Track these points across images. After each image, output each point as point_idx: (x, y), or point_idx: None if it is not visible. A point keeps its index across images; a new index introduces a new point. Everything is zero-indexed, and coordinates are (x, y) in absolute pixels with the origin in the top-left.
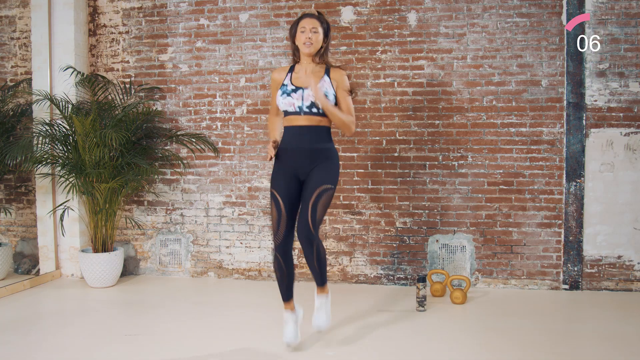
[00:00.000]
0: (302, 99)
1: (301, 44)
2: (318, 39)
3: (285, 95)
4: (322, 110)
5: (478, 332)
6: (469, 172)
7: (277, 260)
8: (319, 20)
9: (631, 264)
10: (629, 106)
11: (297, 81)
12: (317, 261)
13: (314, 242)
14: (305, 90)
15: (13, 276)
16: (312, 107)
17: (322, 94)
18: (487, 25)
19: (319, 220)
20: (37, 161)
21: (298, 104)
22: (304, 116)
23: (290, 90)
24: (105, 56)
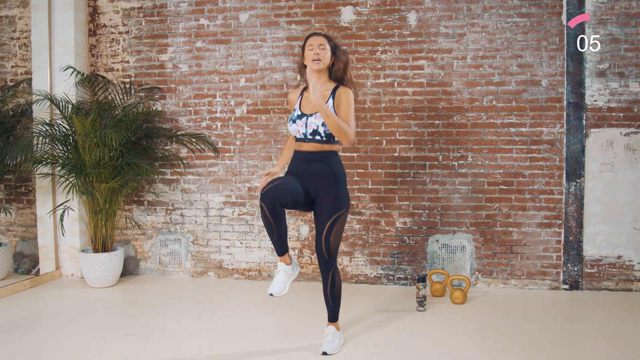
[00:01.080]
0: (305, 126)
1: (309, 62)
2: (326, 56)
3: (291, 122)
4: (325, 138)
5: (478, 332)
6: (469, 172)
7: (263, 211)
8: (325, 38)
9: (631, 264)
10: (629, 106)
11: (305, 107)
12: (330, 293)
13: (330, 269)
14: (310, 118)
15: (13, 276)
16: (316, 134)
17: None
18: (487, 25)
19: (334, 248)
20: (37, 161)
21: (302, 131)
22: (308, 143)
23: (296, 116)
24: (105, 56)
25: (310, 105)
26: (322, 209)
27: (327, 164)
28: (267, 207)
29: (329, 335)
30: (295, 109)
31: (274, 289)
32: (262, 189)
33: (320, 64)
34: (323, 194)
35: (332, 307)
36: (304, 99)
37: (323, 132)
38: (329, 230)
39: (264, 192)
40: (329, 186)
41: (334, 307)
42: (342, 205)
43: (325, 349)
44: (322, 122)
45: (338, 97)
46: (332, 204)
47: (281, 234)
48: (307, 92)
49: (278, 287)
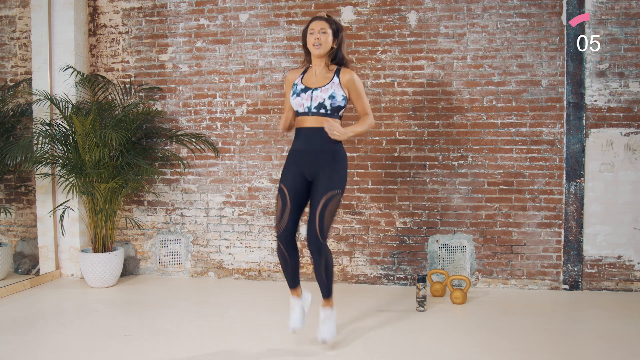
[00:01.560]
0: (310, 99)
1: (310, 46)
2: (327, 40)
3: (295, 95)
4: (330, 111)
5: (478, 332)
6: (469, 172)
7: (280, 249)
8: (327, 22)
9: (631, 264)
10: (629, 106)
11: (308, 82)
12: (325, 271)
13: (322, 250)
14: (315, 91)
15: (13, 276)
16: (321, 107)
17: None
18: (487, 25)
19: (326, 228)
20: (37, 161)
21: (307, 104)
22: (312, 117)
23: (299, 90)
24: (105, 56)
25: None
26: (318, 186)
27: (329, 142)
28: (284, 246)
29: (327, 320)
30: (297, 83)
31: (294, 324)
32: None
33: (321, 48)
34: (322, 171)
35: (326, 283)
36: (307, 76)
37: (329, 105)
38: (323, 207)
39: (279, 234)
40: (328, 164)
41: (327, 283)
42: (339, 185)
43: (325, 336)
44: (329, 94)
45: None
46: (329, 182)
47: (295, 268)
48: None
49: (298, 322)
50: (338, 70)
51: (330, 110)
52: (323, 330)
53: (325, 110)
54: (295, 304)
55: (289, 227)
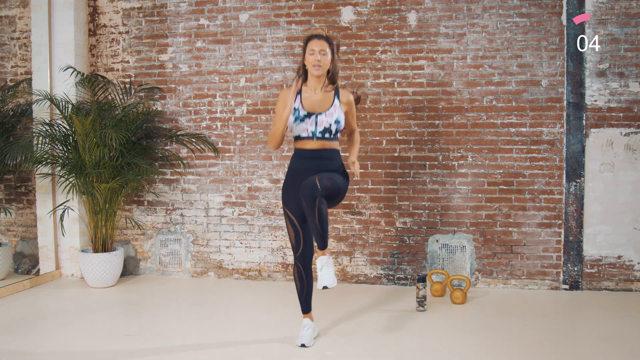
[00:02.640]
0: (315, 124)
1: (310, 67)
2: (326, 61)
3: (298, 122)
4: (334, 136)
5: (478, 332)
6: (469, 172)
7: (298, 269)
8: (327, 42)
9: (631, 264)
10: (629, 106)
11: (308, 105)
12: (319, 219)
13: (316, 197)
14: (319, 116)
15: (13, 276)
16: (326, 132)
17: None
18: (487, 25)
19: (324, 185)
20: (37, 161)
21: (311, 130)
22: (316, 141)
23: (303, 116)
24: (105, 56)
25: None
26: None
27: (332, 161)
28: (303, 267)
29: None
30: (297, 108)
31: (304, 340)
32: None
33: (321, 70)
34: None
35: (320, 233)
36: (305, 99)
37: (334, 130)
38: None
39: (297, 256)
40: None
41: (322, 232)
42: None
43: (326, 281)
44: (334, 119)
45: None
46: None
47: (310, 291)
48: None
49: (308, 339)
50: (337, 92)
51: (334, 134)
52: (323, 276)
53: (330, 134)
54: (308, 324)
55: (306, 250)
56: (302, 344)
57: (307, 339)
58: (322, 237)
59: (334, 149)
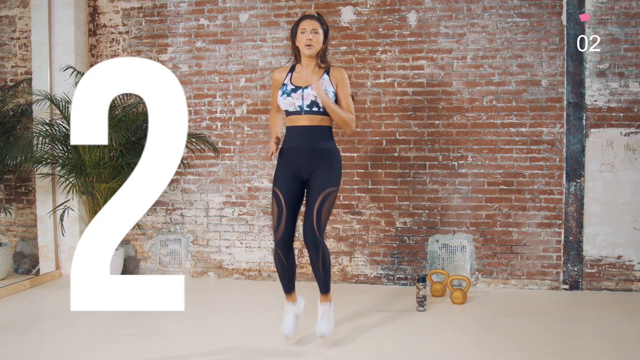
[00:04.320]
0: (302, 98)
1: (302, 45)
2: (319, 40)
3: (285, 95)
4: (322, 109)
5: (478, 332)
6: (469, 172)
7: (278, 255)
8: (319, 22)
9: (631, 264)
10: (629, 106)
11: (297, 81)
12: (322, 266)
13: (319, 246)
14: (305, 90)
15: (13, 276)
16: (313, 106)
17: (323, 91)
18: (487, 25)
19: (323, 224)
20: (37, 161)
21: (298, 104)
22: (305, 116)
23: (290, 90)
24: (105, 56)
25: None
26: (315, 183)
27: (323, 140)
28: (282, 252)
29: (325, 315)
30: (286, 83)
31: (288, 330)
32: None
33: (313, 49)
34: (318, 169)
35: (323, 278)
36: (295, 76)
37: (321, 103)
38: (320, 205)
39: (277, 241)
40: (323, 162)
41: (325, 279)
42: (334, 183)
43: (324, 331)
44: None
45: (337, 78)
46: (326, 180)
47: (292, 274)
48: (296, 72)
49: (291, 328)
50: (328, 69)
51: (322, 108)
52: (322, 325)
53: (318, 108)
54: (289, 310)
55: (287, 233)
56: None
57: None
58: (325, 283)
59: (325, 126)
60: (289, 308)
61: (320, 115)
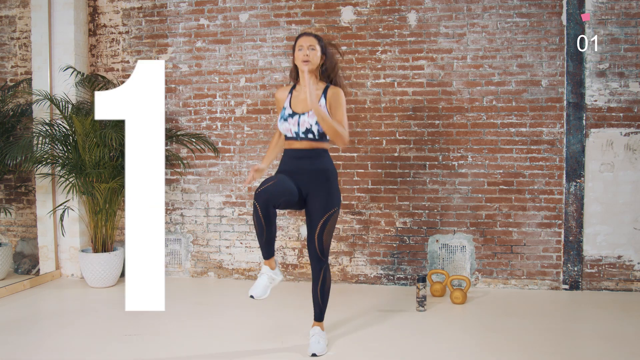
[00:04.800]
0: (297, 124)
1: (299, 62)
2: (316, 56)
3: (282, 120)
4: (318, 137)
5: (478, 332)
6: (469, 172)
7: (256, 211)
8: (315, 38)
9: (631, 264)
10: (629, 106)
11: (296, 105)
12: (321, 290)
13: (323, 266)
14: (302, 116)
15: (13, 276)
16: (308, 133)
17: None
18: (487, 25)
19: (326, 246)
20: (37, 161)
21: (294, 130)
22: (301, 141)
23: (287, 115)
24: (105, 56)
25: (301, 104)
26: (314, 208)
27: (319, 161)
28: (260, 207)
29: (315, 336)
30: (285, 107)
31: (256, 291)
32: (257, 190)
33: (310, 64)
34: (315, 192)
35: (320, 305)
36: (294, 98)
37: (316, 131)
38: (322, 228)
39: (258, 192)
40: (320, 184)
41: (322, 305)
42: (334, 204)
43: (315, 350)
44: (315, 120)
45: (330, 97)
46: (325, 203)
47: (271, 237)
48: (296, 91)
49: (260, 290)
50: (326, 90)
51: (318, 136)
52: (314, 344)
53: (313, 135)
54: (265, 272)
55: (270, 190)
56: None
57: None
58: (320, 307)
59: (321, 149)
60: (265, 270)
61: (316, 141)
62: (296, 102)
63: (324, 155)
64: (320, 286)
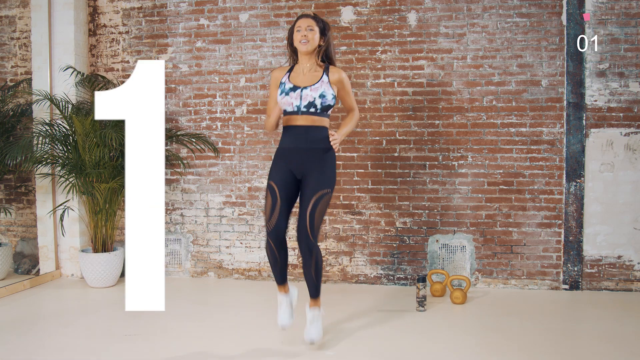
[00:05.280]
0: (300, 98)
1: (298, 43)
2: (314, 37)
3: (283, 95)
4: (320, 110)
5: (478, 332)
6: (469, 172)
7: (269, 246)
8: (314, 20)
9: (631, 264)
10: (629, 106)
11: (296, 80)
12: (314, 271)
13: (312, 250)
14: (304, 90)
15: (13, 276)
16: (310, 107)
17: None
18: (487, 25)
19: (317, 227)
20: (37, 161)
21: (296, 103)
22: (302, 116)
23: (288, 89)
24: (105, 56)
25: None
26: (308, 185)
27: (319, 140)
28: (274, 243)
29: (314, 320)
30: (284, 82)
31: (283, 321)
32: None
33: (308, 45)
34: (312, 170)
35: (314, 283)
36: (294, 74)
37: (319, 105)
38: (314, 207)
39: (269, 231)
40: (318, 163)
41: (316, 283)
42: (328, 184)
43: (313, 336)
44: (319, 93)
45: (337, 80)
46: (318, 181)
47: (284, 265)
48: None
49: (287, 318)
50: (327, 69)
51: (320, 109)
52: (310, 330)
53: (315, 109)
54: (283, 301)
55: (279, 225)
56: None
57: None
58: (316, 287)
59: (322, 127)
60: (283, 299)
61: (317, 115)
62: (296, 78)
63: (323, 134)
64: (314, 269)
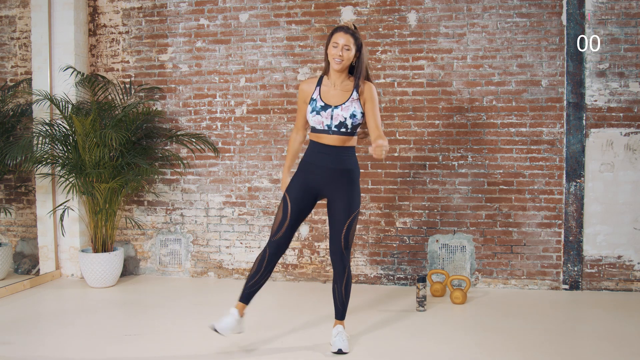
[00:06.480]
0: (331, 118)
1: (331, 60)
2: (349, 56)
3: (314, 113)
4: (350, 130)
5: (478, 332)
6: (469, 172)
7: (263, 255)
8: (353, 37)
9: (631, 264)
10: (629, 106)
11: (327, 97)
12: (345, 287)
13: (346, 265)
14: (335, 110)
15: (13, 276)
16: (341, 127)
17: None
18: (487, 25)
19: (351, 245)
20: (37, 161)
21: (327, 123)
22: (332, 136)
23: (319, 107)
24: (105, 56)
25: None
26: (338, 210)
27: (345, 161)
28: (269, 254)
29: (340, 335)
30: (315, 99)
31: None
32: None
33: (341, 65)
34: (339, 194)
35: (343, 303)
36: (324, 91)
37: (350, 124)
38: (348, 229)
39: (270, 241)
40: (345, 186)
41: (345, 303)
42: (358, 204)
43: (341, 346)
44: (349, 114)
45: (366, 93)
46: (349, 205)
47: (260, 282)
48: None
49: (226, 326)
50: (357, 85)
51: (350, 129)
52: (338, 341)
53: (346, 129)
54: (234, 314)
55: (282, 240)
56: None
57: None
58: (343, 305)
59: (350, 147)
60: (234, 314)
61: (347, 135)
62: (327, 95)
63: (351, 155)
64: (345, 285)
